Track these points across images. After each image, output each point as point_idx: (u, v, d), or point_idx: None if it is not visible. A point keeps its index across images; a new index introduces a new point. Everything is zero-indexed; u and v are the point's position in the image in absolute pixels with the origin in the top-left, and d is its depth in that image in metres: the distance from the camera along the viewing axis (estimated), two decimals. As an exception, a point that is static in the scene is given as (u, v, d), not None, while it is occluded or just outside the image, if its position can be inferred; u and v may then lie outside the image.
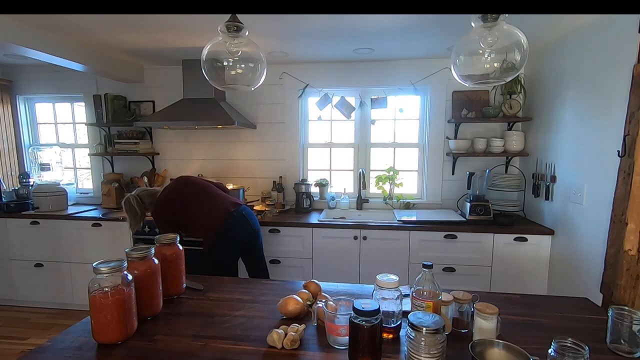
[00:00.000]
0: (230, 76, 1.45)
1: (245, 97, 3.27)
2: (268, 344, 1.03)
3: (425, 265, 1.09)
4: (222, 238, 2.08)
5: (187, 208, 2.12)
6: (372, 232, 2.63)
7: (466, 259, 2.59)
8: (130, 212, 2.12)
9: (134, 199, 2.11)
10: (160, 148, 3.45)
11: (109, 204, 3.29)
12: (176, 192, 2.15)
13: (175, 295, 1.37)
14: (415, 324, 0.88)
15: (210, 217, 2.09)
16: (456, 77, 1.26)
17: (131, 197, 2.12)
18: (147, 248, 1.19)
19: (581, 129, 2.17)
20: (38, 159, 3.34)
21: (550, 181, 2.48)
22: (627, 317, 0.99)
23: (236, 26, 1.35)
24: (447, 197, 3.15)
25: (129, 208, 2.11)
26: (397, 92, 3.09)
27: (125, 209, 2.12)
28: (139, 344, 1.05)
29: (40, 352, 1.01)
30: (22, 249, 3.04)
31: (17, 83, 3.48)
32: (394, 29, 2.30)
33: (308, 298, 1.24)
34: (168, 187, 2.19)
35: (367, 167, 3.28)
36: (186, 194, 2.15)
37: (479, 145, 2.88)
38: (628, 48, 1.78)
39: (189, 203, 2.13)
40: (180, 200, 2.13)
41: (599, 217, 1.98)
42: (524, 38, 1.13)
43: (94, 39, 2.54)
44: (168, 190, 2.17)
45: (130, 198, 2.12)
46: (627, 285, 1.74)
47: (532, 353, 0.86)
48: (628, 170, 1.73)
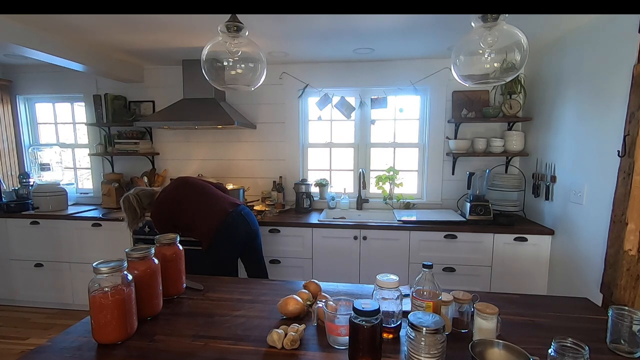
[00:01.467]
0: (230, 76, 1.45)
1: (245, 97, 3.27)
2: (268, 344, 1.03)
3: (425, 265, 1.09)
4: (221, 238, 2.08)
5: (185, 209, 2.12)
6: (372, 232, 2.63)
7: (466, 259, 2.59)
8: (129, 210, 2.11)
9: (134, 198, 2.11)
10: (160, 148, 3.45)
11: (109, 204, 3.29)
12: (174, 194, 2.15)
13: (175, 295, 1.37)
14: (415, 324, 0.88)
15: (209, 218, 2.09)
16: (456, 77, 1.26)
17: (130, 196, 2.12)
18: (147, 248, 1.19)
19: (581, 129, 2.17)
20: (38, 159, 3.34)
21: (550, 181, 2.48)
22: (627, 317, 0.99)
23: (236, 26, 1.35)
24: (447, 197, 3.15)
25: (128, 207, 2.11)
26: (397, 92, 3.09)
27: (124, 208, 2.11)
28: (139, 344, 1.05)
29: (40, 352, 1.01)
30: (22, 249, 3.04)
31: (17, 83, 3.48)
32: (394, 29, 2.30)
33: (308, 298, 1.24)
34: (166, 189, 2.19)
35: (367, 167, 3.28)
36: (185, 195, 2.15)
37: (479, 145, 2.88)
38: (628, 48, 1.78)
39: (188, 204, 2.13)
40: (179, 201, 2.13)
41: (599, 217, 1.98)
42: (524, 38, 1.13)
43: (94, 39, 2.54)
44: (166, 192, 2.17)
45: (130, 197, 2.11)
46: (627, 285, 1.75)
47: (532, 353, 0.86)
48: (628, 170, 1.73)
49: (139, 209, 2.12)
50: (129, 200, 2.11)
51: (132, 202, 2.10)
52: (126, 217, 2.14)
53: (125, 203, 2.11)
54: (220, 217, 2.09)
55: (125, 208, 2.11)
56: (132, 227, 2.16)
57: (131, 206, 2.10)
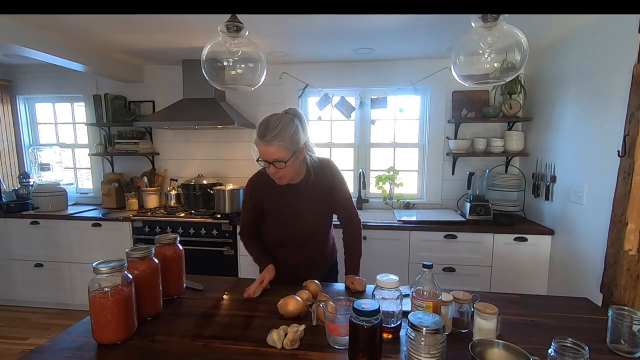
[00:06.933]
0: (230, 76, 1.45)
1: (245, 97, 3.27)
2: (268, 344, 1.03)
3: (425, 265, 1.08)
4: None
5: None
6: (372, 232, 2.63)
7: (466, 259, 2.58)
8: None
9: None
10: (160, 148, 3.45)
11: (109, 204, 3.29)
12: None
13: (175, 295, 1.37)
14: (415, 324, 0.88)
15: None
16: (456, 77, 1.26)
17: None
18: (147, 248, 1.19)
19: (581, 129, 2.17)
20: (38, 159, 3.33)
21: (550, 181, 2.48)
22: (627, 317, 0.99)
23: (236, 26, 1.35)
24: (447, 197, 3.15)
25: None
26: (397, 92, 3.09)
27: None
28: (139, 344, 1.05)
29: (40, 352, 1.01)
30: (22, 249, 3.04)
31: (17, 83, 3.48)
32: (394, 29, 2.30)
33: (308, 298, 1.24)
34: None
35: (367, 167, 3.28)
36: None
37: (479, 145, 2.88)
38: (628, 48, 1.78)
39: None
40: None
41: (599, 217, 1.98)
42: (524, 38, 1.13)
43: (94, 39, 2.54)
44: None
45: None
46: (627, 285, 1.75)
47: (532, 353, 0.86)
48: (628, 170, 1.73)
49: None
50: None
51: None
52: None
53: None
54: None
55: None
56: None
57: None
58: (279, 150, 1.27)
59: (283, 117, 1.31)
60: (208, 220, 2.80)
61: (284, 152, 1.28)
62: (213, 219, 2.80)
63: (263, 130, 1.28)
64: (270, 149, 1.27)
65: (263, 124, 1.30)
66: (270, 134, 1.26)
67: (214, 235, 2.80)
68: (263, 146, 1.28)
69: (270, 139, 1.26)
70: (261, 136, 1.27)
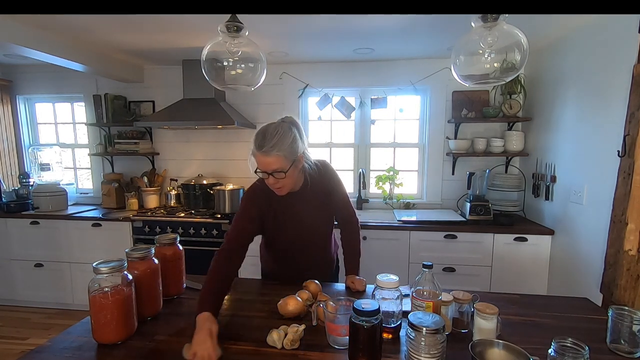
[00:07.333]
0: (230, 76, 1.45)
1: (245, 97, 3.27)
2: (268, 344, 1.03)
3: (425, 265, 1.09)
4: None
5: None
6: (372, 232, 2.63)
7: (466, 259, 2.58)
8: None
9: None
10: (160, 148, 3.45)
11: (109, 204, 3.29)
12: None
13: (175, 295, 1.37)
14: (415, 324, 0.88)
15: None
16: (456, 77, 1.26)
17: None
18: (147, 248, 1.19)
19: (581, 129, 2.17)
20: (38, 159, 3.33)
21: (550, 181, 2.48)
22: (627, 317, 0.99)
23: (236, 26, 1.35)
24: (447, 197, 3.15)
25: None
26: (397, 92, 3.09)
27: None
28: (139, 344, 1.05)
29: (40, 352, 1.01)
30: (22, 249, 3.04)
31: (17, 83, 3.48)
32: (394, 29, 2.30)
33: (308, 298, 1.24)
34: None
35: (367, 167, 3.28)
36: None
37: (479, 145, 2.88)
38: (628, 48, 1.78)
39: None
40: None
41: (599, 217, 1.98)
42: (524, 38, 1.13)
43: (94, 39, 2.54)
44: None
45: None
46: (627, 285, 1.75)
47: (532, 353, 0.86)
48: (628, 170, 1.73)
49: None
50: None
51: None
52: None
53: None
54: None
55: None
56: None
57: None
58: (278, 160, 1.22)
59: (280, 126, 1.27)
60: (208, 220, 2.80)
61: (283, 162, 1.23)
62: (213, 219, 2.80)
63: (260, 140, 1.23)
64: (268, 159, 1.22)
65: (260, 134, 1.25)
66: (269, 143, 1.21)
67: (214, 235, 2.80)
68: (261, 157, 1.23)
69: (268, 149, 1.21)
70: (259, 147, 1.22)
